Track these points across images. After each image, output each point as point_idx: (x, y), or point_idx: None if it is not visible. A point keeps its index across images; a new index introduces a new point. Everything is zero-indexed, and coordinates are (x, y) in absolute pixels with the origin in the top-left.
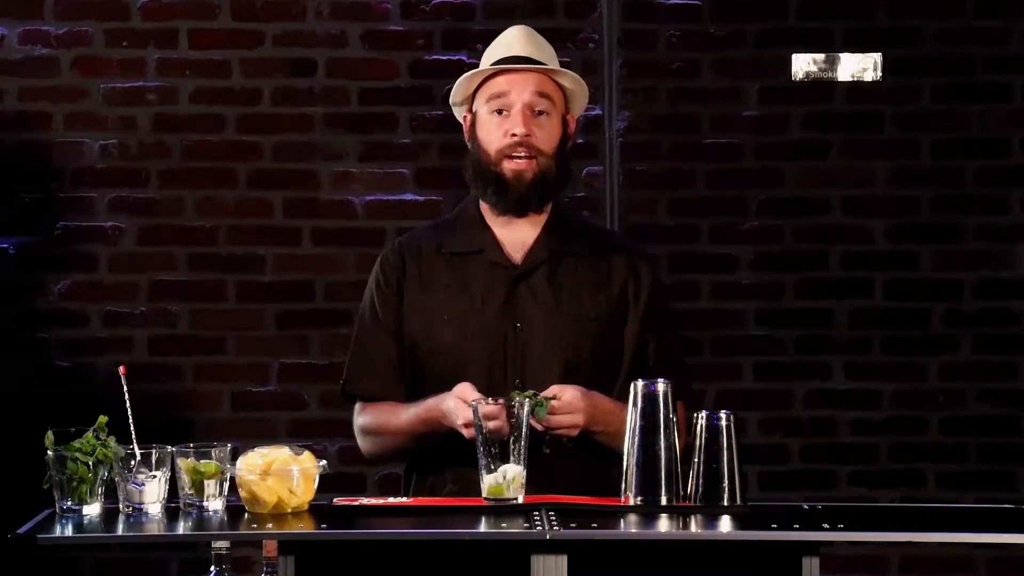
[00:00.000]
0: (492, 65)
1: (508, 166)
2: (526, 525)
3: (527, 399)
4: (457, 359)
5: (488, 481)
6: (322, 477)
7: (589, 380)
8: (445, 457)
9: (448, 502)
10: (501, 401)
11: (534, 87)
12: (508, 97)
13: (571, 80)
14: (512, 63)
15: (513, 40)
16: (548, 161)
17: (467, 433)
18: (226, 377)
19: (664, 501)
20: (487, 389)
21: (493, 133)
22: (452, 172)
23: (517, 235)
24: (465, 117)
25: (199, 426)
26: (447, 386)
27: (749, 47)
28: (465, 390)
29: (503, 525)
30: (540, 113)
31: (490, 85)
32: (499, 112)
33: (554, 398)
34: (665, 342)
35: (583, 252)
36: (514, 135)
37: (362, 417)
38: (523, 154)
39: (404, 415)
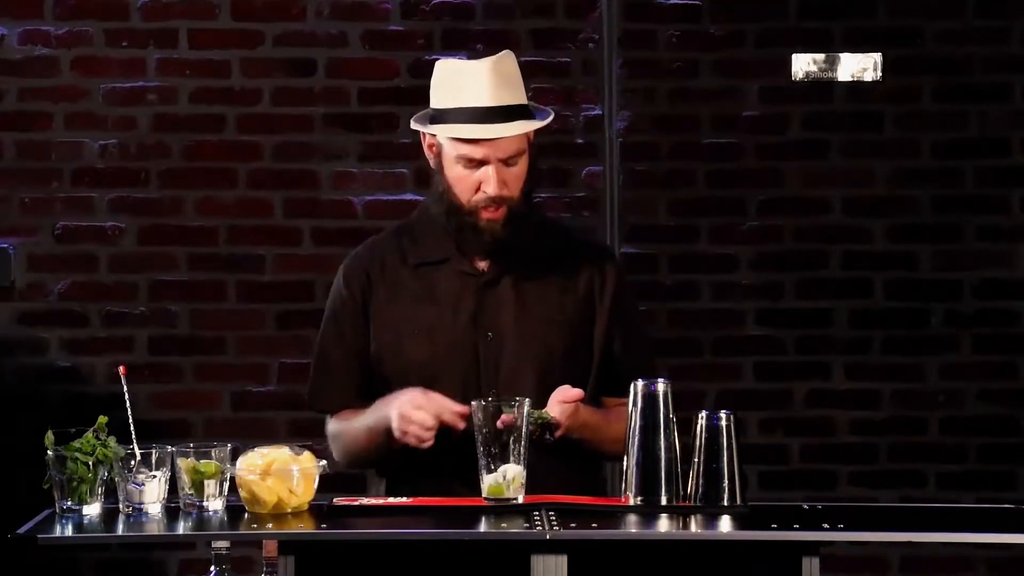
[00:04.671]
0: (460, 110)
1: (482, 214)
2: (526, 525)
3: (538, 427)
4: (429, 372)
5: (488, 481)
6: (322, 477)
7: (561, 381)
8: (416, 475)
9: (448, 502)
10: (473, 404)
11: (506, 146)
12: (479, 158)
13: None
14: (482, 114)
15: (480, 83)
16: (517, 201)
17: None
18: (226, 377)
19: (664, 501)
20: (462, 400)
21: (464, 182)
22: None
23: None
24: (424, 136)
25: (199, 426)
26: None
27: (749, 47)
28: (417, 399)
29: (503, 525)
30: (511, 164)
31: (458, 142)
32: (468, 164)
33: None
34: (631, 339)
35: (548, 254)
36: (487, 193)
37: (330, 425)
38: (494, 205)
39: (358, 424)
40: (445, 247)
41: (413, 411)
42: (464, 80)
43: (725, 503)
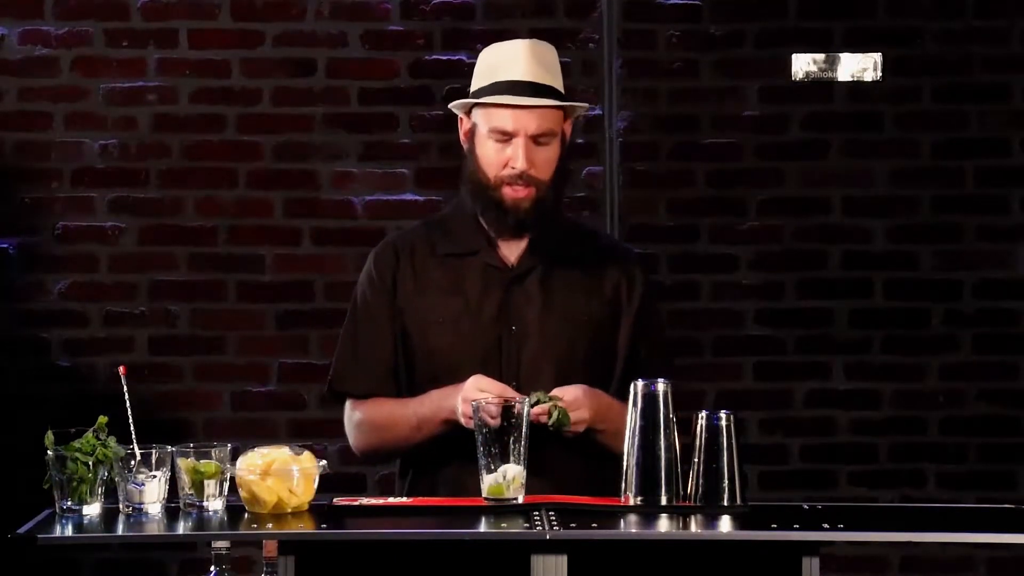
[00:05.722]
0: (495, 84)
1: (507, 192)
2: (526, 525)
3: (529, 400)
4: (451, 361)
5: (488, 481)
6: (322, 477)
7: (582, 381)
8: (438, 460)
9: (448, 502)
10: (473, 403)
11: (538, 121)
12: (511, 130)
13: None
14: (516, 88)
15: (515, 60)
16: (546, 186)
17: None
18: (226, 377)
19: (664, 501)
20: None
21: (492, 158)
22: (452, 172)
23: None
24: (461, 120)
25: (199, 426)
26: (441, 387)
27: (749, 47)
28: (482, 383)
29: (503, 525)
30: (541, 143)
31: (493, 111)
32: (499, 139)
33: (561, 399)
34: (655, 344)
35: (576, 254)
36: (513, 168)
37: (359, 411)
38: (522, 183)
39: (411, 410)
40: (475, 240)
41: (478, 394)
42: (502, 57)
43: (725, 503)
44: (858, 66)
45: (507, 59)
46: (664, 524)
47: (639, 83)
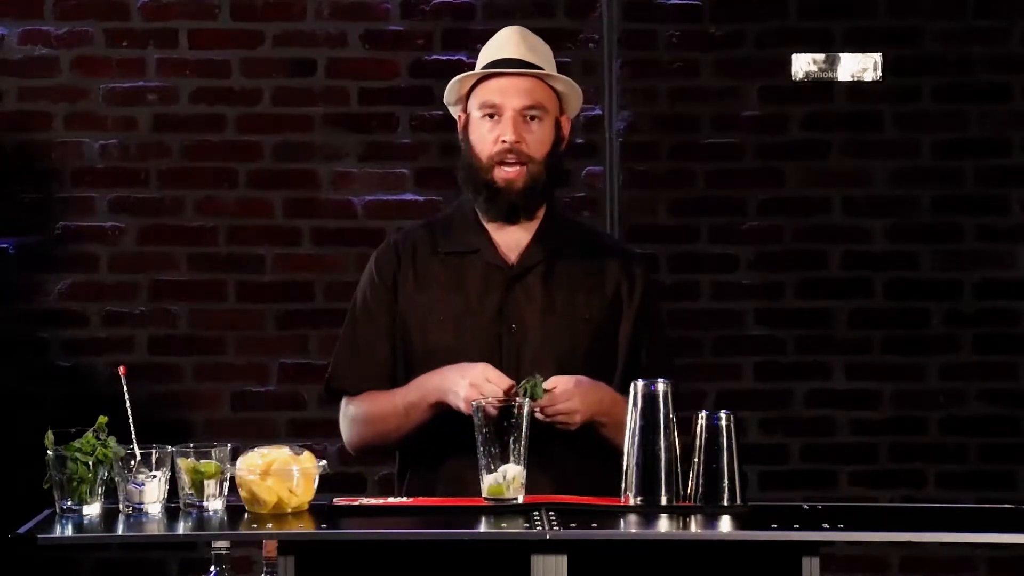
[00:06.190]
0: (485, 67)
1: (499, 174)
2: (526, 525)
3: (525, 389)
4: (451, 360)
5: (488, 481)
6: (322, 477)
7: None
8: (437, 456)
9: (448, 502)
10: (473, 403)
11: (525, 92)
12: (499, 103)
13: (564, 84)
14: (504, 66)
15: (506, 41)
16: (538, 167)
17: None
18: (226, 377)
19: (664, 501)
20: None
21: (484, 138)
22: (452, 172)
23: (512, 236)
24: (460, 116)
25: (199, 426)
26: None
27: (749, 47)
28: (490, 373)
29: (503, 525)
30: (531, 118)
31: (482, 89)
32: (490, 116)
33: (553, 388)
34: (656, 344)
35: (577, 253)
36: (504, 141)
37: (352, 407)
38: (513, 160)
39: (399, 398)
40: (476, 239)
41: (485, 383)
42: (490, 45)
43: (725, 503)
44: (858, 66)
45: (495, 42)
46: (664, 524)
47: (639, 83)
